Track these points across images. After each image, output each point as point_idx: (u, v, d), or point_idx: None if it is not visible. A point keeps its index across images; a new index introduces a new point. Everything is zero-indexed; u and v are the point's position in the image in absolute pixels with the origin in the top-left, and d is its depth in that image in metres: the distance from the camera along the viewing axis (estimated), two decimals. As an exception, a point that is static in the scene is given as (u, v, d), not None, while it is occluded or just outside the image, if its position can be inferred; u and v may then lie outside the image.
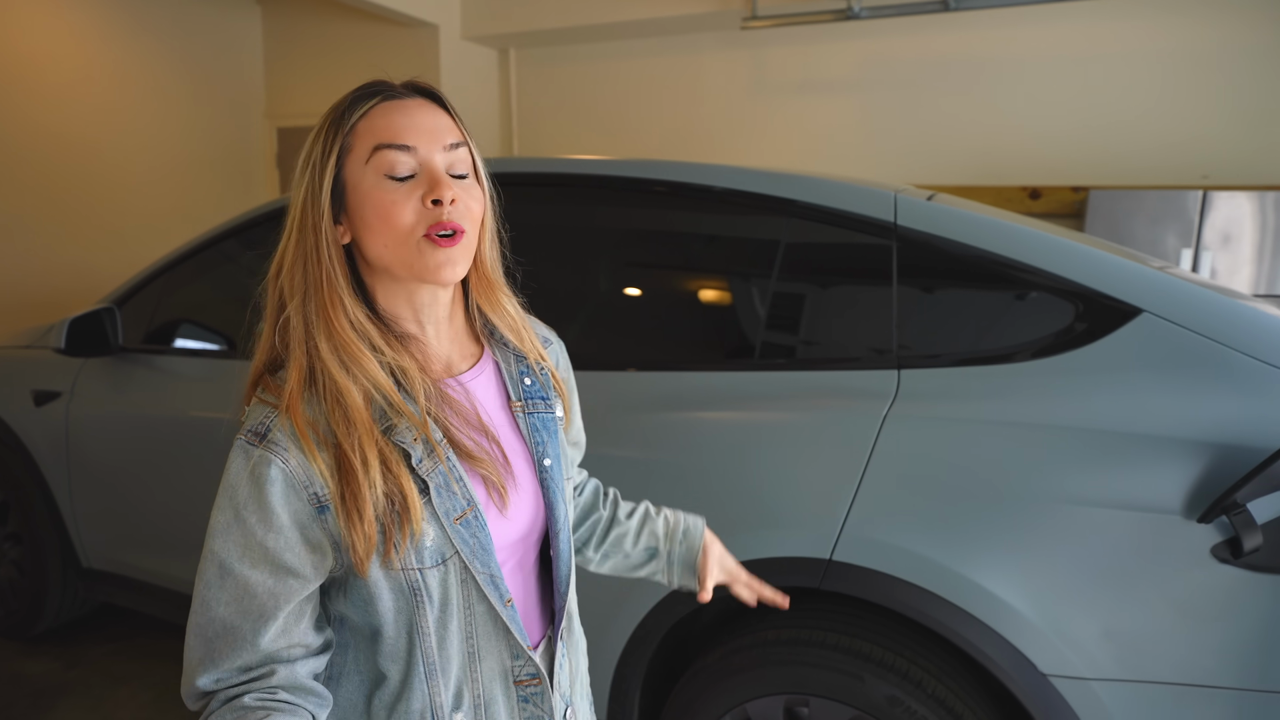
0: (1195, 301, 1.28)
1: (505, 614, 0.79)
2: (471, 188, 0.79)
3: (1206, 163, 3.74)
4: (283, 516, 0.73)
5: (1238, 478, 1.12)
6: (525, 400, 0.87)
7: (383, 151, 0.75)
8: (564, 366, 0.99)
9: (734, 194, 1.60)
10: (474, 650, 0.80)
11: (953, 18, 4.05)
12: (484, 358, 0.87)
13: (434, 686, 0.78)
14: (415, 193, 0.75)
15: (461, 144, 0.79)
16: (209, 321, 2.27)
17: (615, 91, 5.02)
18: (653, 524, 1.06)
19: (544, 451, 0.86)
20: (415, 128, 0.76)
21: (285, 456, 0.73)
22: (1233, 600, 1.14)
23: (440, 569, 0.76)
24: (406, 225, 0.75)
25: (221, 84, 5.35)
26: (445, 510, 0.76)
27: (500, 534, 0.81)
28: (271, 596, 0.74)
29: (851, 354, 1.45)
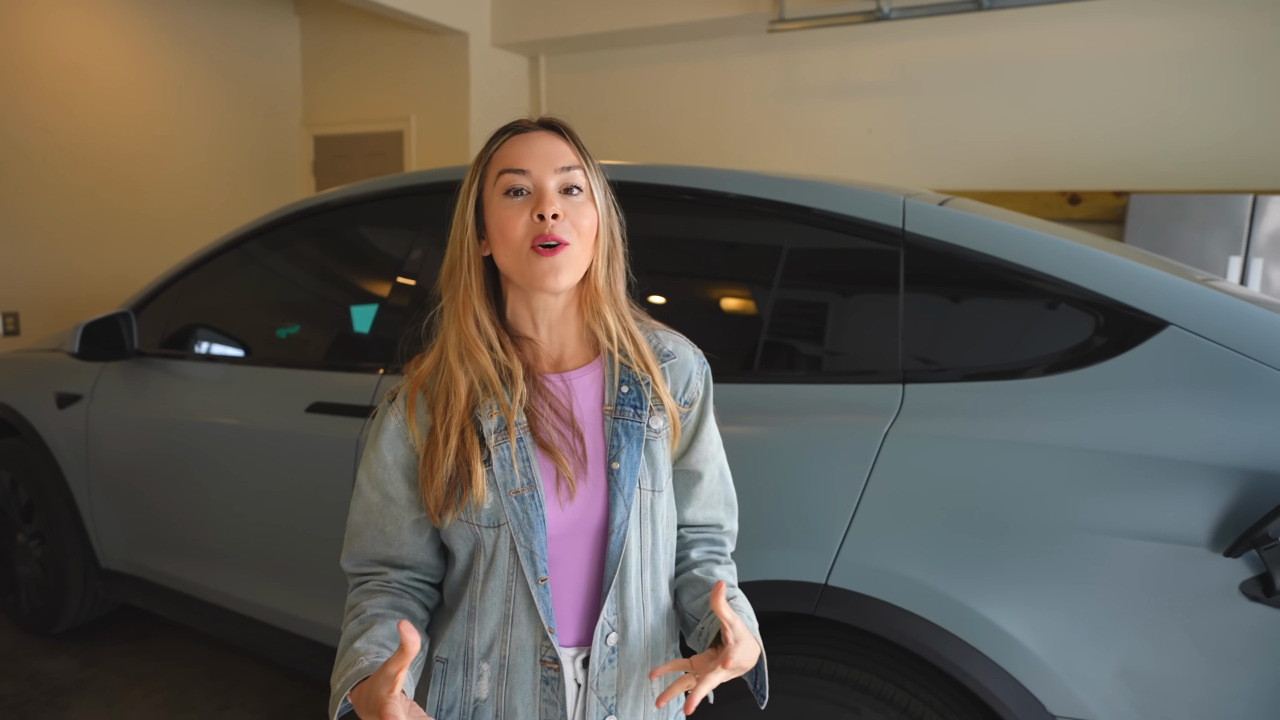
0: (1227, 313, 1.19)
1: (535, 590, 0.88)
2: (582, 205, 0.90)
3: (1257, 165, 3.54)
4: (387, 457, 0.93)
5: (1270, 508, 1.03)
6: (617, 405, 0.94)
7: (505, 175, 0.90)
8: (692, 389, 0.99)
9: (735, 199, 1.54)
10: (510, 614, 0.90)
11: (986, 17, 3.92)
12: (595, 361, 0.96)
13: (471, 628, 0.92)
14: (527, 209, 0.88)
15: (576, 167, 0.91)
16: (225, 326, 2.29)
17: (644, 97, 4.99)
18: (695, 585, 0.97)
19: (616, 455, 0.92)
20: (532, 154, 0.90)
21: (399, 412, 0.93)
22: (1262, 642, 1.04)
23: (494, 531, 0.89)
24: (518, 237, 0.88)
25: (261, 92, 5.46)
26: (504, 482, 0.89)
27: (558, 521, 0.90)
28: (381, 514, 0.95)
29: (854, 366, 1.37)
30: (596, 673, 0.91)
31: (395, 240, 1.98)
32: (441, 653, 0.95)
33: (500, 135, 0.93)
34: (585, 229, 0.90)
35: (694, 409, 1.00)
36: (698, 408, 1.00)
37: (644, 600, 0.94)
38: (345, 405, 1.81)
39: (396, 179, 1.97)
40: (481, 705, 0.92)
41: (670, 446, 0.97)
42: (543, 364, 0.95)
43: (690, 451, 1.01)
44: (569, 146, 0.92)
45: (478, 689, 0.92)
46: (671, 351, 0.99)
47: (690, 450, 1.01)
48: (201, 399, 2.11)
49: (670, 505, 0.99)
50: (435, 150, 5.16)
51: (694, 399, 1.00)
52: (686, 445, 1.01)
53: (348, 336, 2.02)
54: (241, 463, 1.97)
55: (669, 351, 0.99)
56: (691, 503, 1.03)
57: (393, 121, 5.36)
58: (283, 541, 1.93)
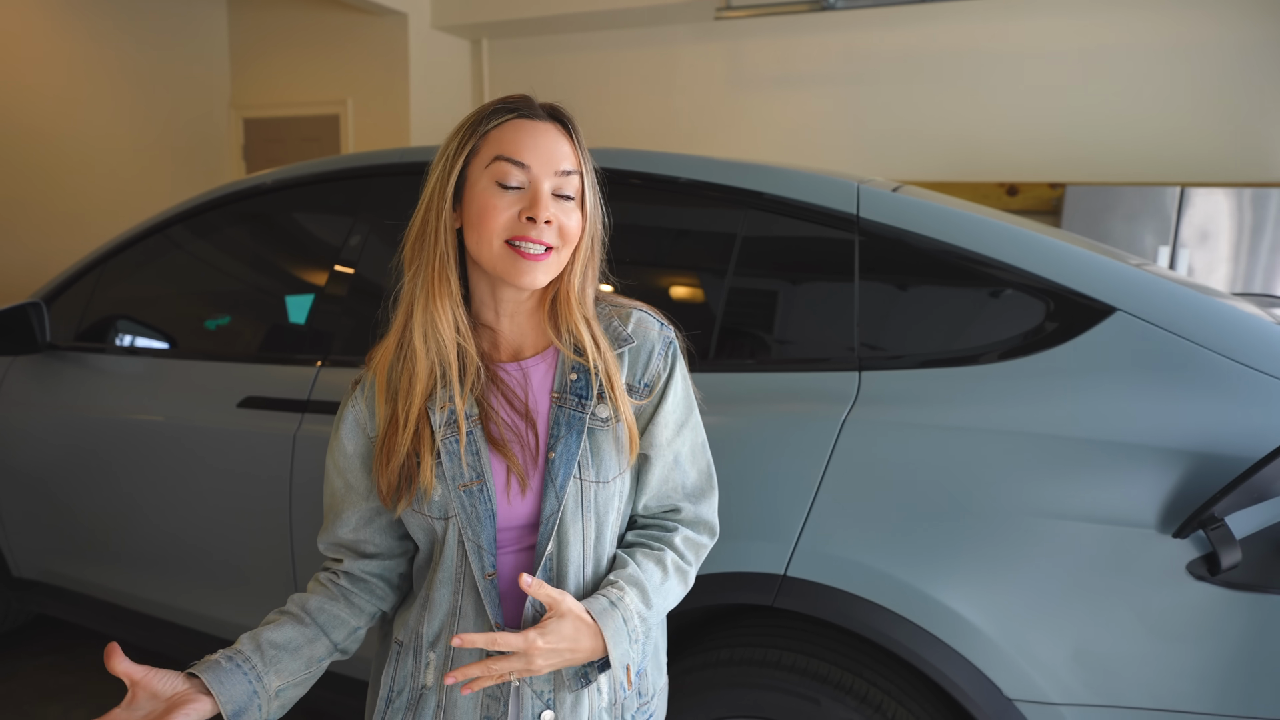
0: (1172, 300, 1.21)
1: (482, 585, 0.88)
2: (572, 211, 0.88)
3: (1184, 159, 3.69)
4: (347, 446, 0.94)
5: (1216, 489, 1.05)
6: (562, 393, 0.91)
7: (500, 162, 0.85)
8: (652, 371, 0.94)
9: (688, 184, 1.50)
10: (458, 606, 0.90)
11: (930, 9, 3.98)
12: (552, 349, 0.94)
13: (423, 616, 0.92)
14: (516, 205, 0.85)
15: (574, 172, 0.88)
16: (148, 318, 2.15)
17: (590, 83, 4.92)
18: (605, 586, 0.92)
19: (553, 444, 0.89)
20: (535, 148, 0.86)
21: (359, 403, 0.94)
22: (1210, 620, 1.06)
23: (443, 523, 0.89)
24: (498, 230, 0.85)
25: (185, 72, 5.19)
26: (453, 475, 0.88)
27: (508, 515, 0.89)
28: (343, 499, 0.96)
29: (809, 354, 1.36)
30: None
31: (333, 226, 1.89)
32: (399, 635, 0.95)
33: (499, 112, 0.87)
34: (569, 234, 0.88)
35: (654, 392, 0.94)
36: (658, 390, 0.94)
37: (583, 595, 0.90)
38: (281, 400, 1.71)
39: (334, 161, 1.88)
40: (427, 693, 0.92)
41: (627, 436, 0.92)
42: (501, 353, 0.94)
43: (644, 435, 0.95)
44: (571, 147, 0.88)
45: (424, 676, 0.92)
46: (630, 335, 0.94)
47: (644, 434, 0.95)
48: (123, 395, 1.98)
49: (621, 499, 0.94)
50: (373, 135, 5.00)
51: (654, 382, 0.94)
52: (642, 429, 0.95)
53: (283, 327, 1.92)
54: (168, 462, 1.86)
55: (627, 335, 0.94)
56: (643, 490, 0.97)
57: (328, 105, 5.16)
58: (214, 543, 1.83)
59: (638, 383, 0.94)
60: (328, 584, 0.96)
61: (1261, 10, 3.55)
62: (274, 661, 0.88)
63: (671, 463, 0.96)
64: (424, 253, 0.88)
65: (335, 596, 0.95)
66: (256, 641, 0.88)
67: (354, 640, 0.96)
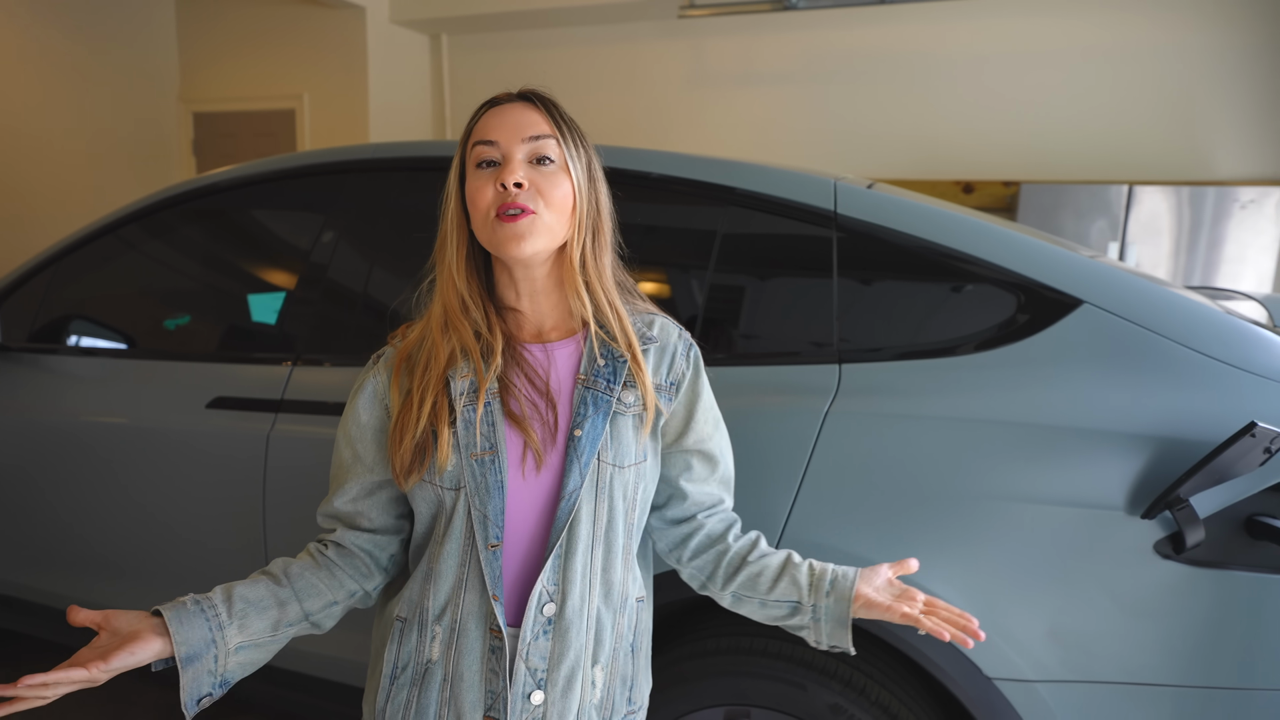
0: (1134, 293, 1.26)
1: (484, 555, 0.89)
2: (552, 175, 0.90)
3: (1132, 158, 3.84)
4: (362, 416, 0.97)
5: (1179, 472, 1.10)
6: (590, 376, 0.94)
7: (477, 147, 0.92)
8: (676, 371, 1.00)
9: (669, 180, 1.52)
10: (464, 578, 0.91)
11: (890, 11, 4.07)
12: (579, 334, 0.97)
13: (428, 589, 0.93)
14: (493, 178, 0.89)
15: (547, 136, 0.91)
16: (105, 317, 2.08)
17: (551, 80, 4.86)
18: (795, 571, 0.97)
19: (580, 423, 0.91)
20: (501, 124, 0.91)
21: (380, 375, 0.97)
22: (1175, 596, 1.12)
23: (453, 493, 0.90)
24: (485, 206, 0.89)
25: (131, 65, 5.02)
26: (466, 444, 0.90)
27: (520, 490, 0.90)
28: (347, 470, 0.98)
29: (790, 348, 1.39)
30: (528, 642, 0.89)
31: (305, 223, 1.86)
32: (400, 612, 0.95)
33: (479, 110, 0.95)
34: (556, 199, 0.90)
35: (682, 390, 1.01)
36: (687, 389, 1.01)
37: (590, 578, 0.92)
38: (253, 400, 1.68)
39: (303, 156, 1.85)
40: (433, 667, 0.92)
41: (645, 428, 0.95)
42: (525, 334, 0.97)
43: (687, 432, 1.01)
44: (542, 116, 0.92)
45: (430, 650, 0.92)
46: (655, 335, 1.00)
47: (687, 431, 1.01)
48: (81, 397, 1.92)
49: (636, 488, 0.96)
50: (331, 130, 4.90)
51: (679, 381, 1.00)
52: (682, 427, 1.01)
53: (253, 326, 1.88)
54: (132, 465, 1.81)
55: (652, 335, 1.00)
56: (694, 481, 1.03)
57: (283, 99, 5.05)
58: (185, 548, 1.78)
59: (664, 381, 0.99)
60: (314, 553, 0.98)
61: (1201, 19, 3.72)
62: (240, 615, 0.88)
63: (718, 454, 1.04)
64: (442, 255, 0.95)
65: (318, 565, 0.96)
66: (228, 593, 0.89)
67: (328, 615, 0.96)
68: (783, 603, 0.97)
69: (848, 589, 0.94)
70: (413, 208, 1.71)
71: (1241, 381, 1.15)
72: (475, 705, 0.90)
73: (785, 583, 0.97)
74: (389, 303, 1.71)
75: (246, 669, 0.89)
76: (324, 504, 1.00)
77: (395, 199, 1.73)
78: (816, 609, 0.95)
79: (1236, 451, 1.03)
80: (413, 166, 1.72)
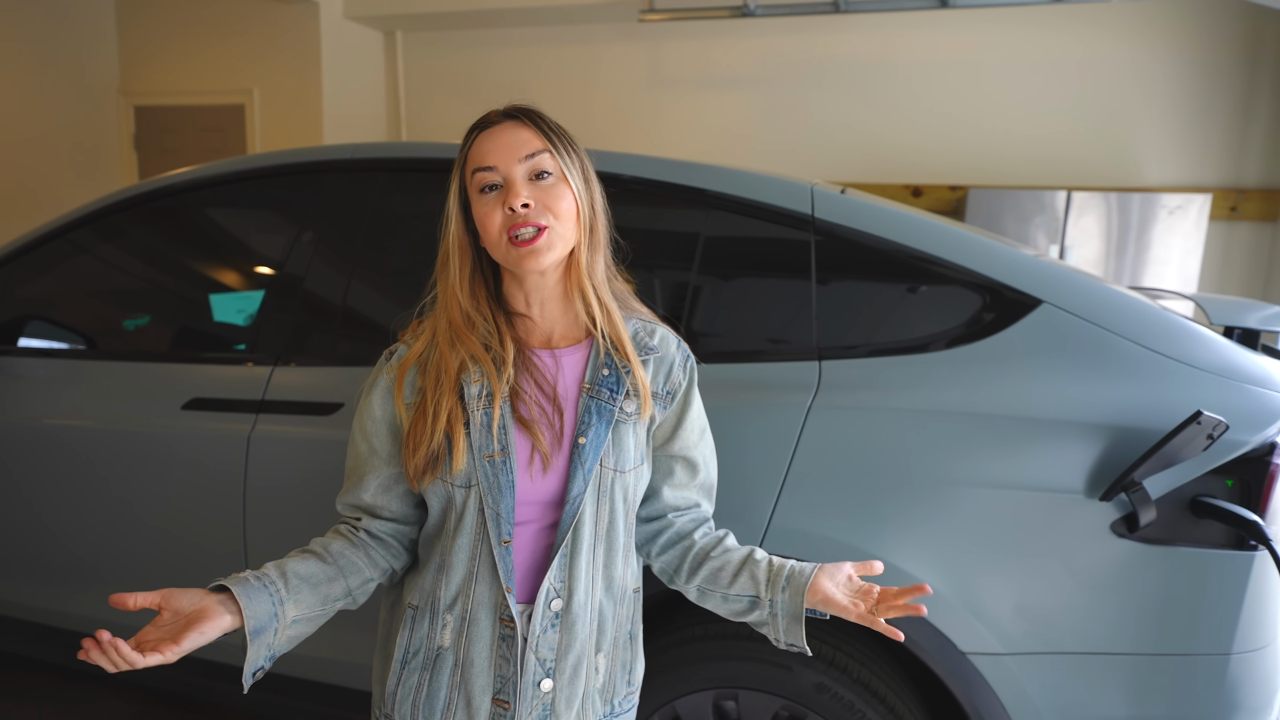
0: (1088, 293, 1.36)
1: (498, 551, 0.93)
2: (553, 187, 0.94)
3: (1070, 165, 4.05)
4: (377, 410, 1.00)
5: (1133, 458, 1.20)
6: (594, 385, 0.98)
7: (477, 174, 0.95)
8: (674, 380, 1.04)
9: (651, 184, 1.57)
10: (475, 571, 0.95)
11: (843, 19, 4.20)
12: (586, 341, 1.01)
13: (440, 580, 0.97)
14: (500, 203, 0.93)
15: (541, 151, 0.94)
16: (63, 318, 2.02)
17: (508, 80, 4.90)
18: (754, 568, 1.00)
19: (584, 430, 0.96)
20: (496, 148, 0.94)
21: (393, 371, 1.00)
22: (1129, 572, 1.22)
23: (465, 490, 0.94)
24: (496, 230, 0.93)
25: (68, 57, 4.82)
26: (479, 445, 0.94)
27: (527, 490, 0.95)
28: (365, 462, 1.01)
29: (771, 346, 1.45)
30: (538, 634, 0.95)
31: (285, 222, 1.84)
32: (412, 600, 0.99)
33: (470, 134, 0.97)
34: (562, 210, 0.94)
35: (677, 399, 1.05)
36: (680, 397, 1.05)
37: (594, 574, 0.98)
38: (232, 401, 1.67)
39: (286, 155, 1.83)
40: (444, 653, 0.97)
41: (642, 431, 1.01)
42: (534, 340, 1.01)
43: (674, 439, 1.06)
44: (533, 132, 0.95)
45: (441, 637, 0.96)
46: (655, 345, 1.04)
47: (674, 437, 1.06)
48: (43, 400, 1.86)
49: (634, 490, 1.01)
50: (283, 127, 4.80)
51: (675, 390, 1.05)
52: (670, 433, 1.06)
53: (231, 326, 1.86)
54: (102, 469, 1.77)
55: (653, 345, 1.04)
56: (673, 485, 1.08)
57: (232, 94, 4.92)
58: (157, 552, 1.75)
59: (661, 390, 1.03)
60: (347, 534, 1.01)
61: (1130, 35, 3.95)
62: (296, 591, 0.92)
63: (700, 462, 1.08)
64: (445, 274, 0.99)
65: (356, 545, 1.00)
66: (281, 570, 0.92)
67: (364, 591, 1.00)
68: (742, 597, 0.99)
69: (802, 584, 0.95)
70: (395, 209, 1.72)
71: (1185, 375, 1.26)
72: (485, 689, 0.95)
73: (745, 577, 0.99)
74: (371, 304, 1.72)
75: (293, 643, 0.93)
76: (344, 494, 1.03)
77: (378, 200, 1.73)
78: (773, 604, 0.96)
79: (1184, 438, 1.13)
80: (395, 168, 1.73)
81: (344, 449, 1.15)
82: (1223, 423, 1.12)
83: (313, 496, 1.58)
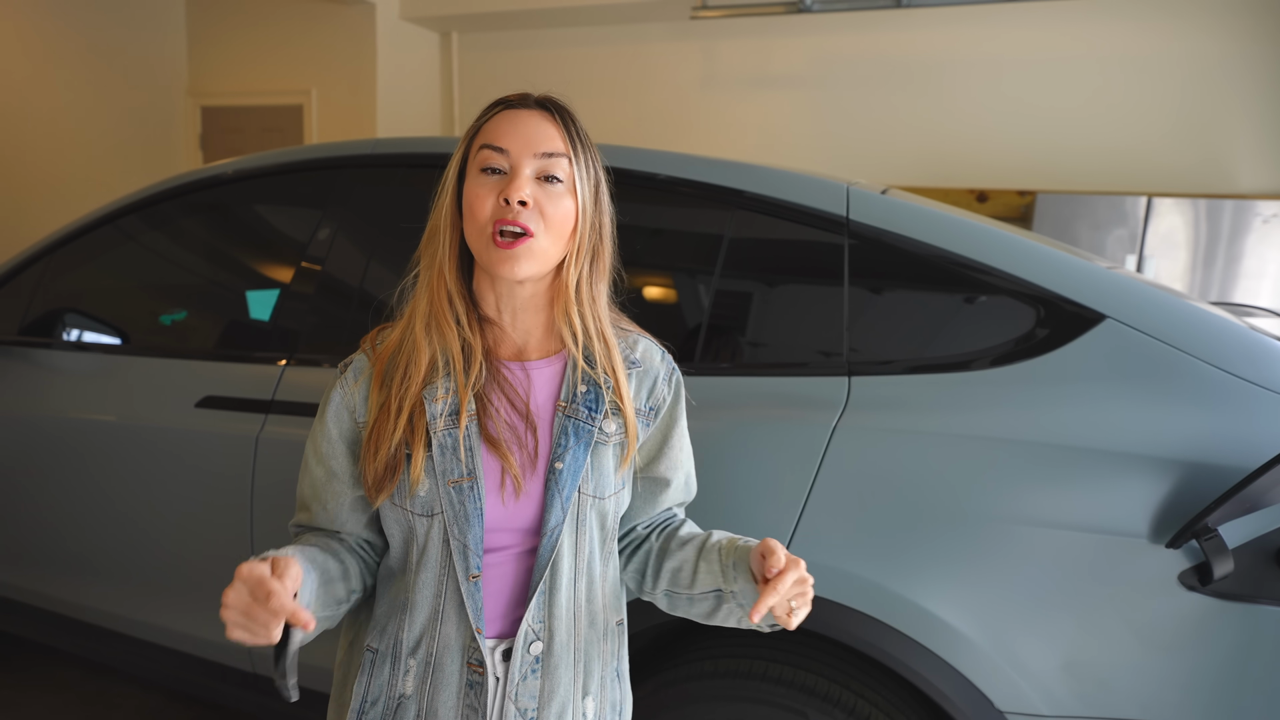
0: (1160, 307, 1.20)
1: (465, 587, 0.84)
2: (558, 196, 0.85)
3: (1150, 169, 3.77)
4: (333, 430, 0.91)
5: (1206, 499, 1.04)
6: (570, 403, 0.89)
7: (484, 150, 0.85)
8: (657, 395, 0.96)
9: (674, 182, 1.47)
10: (440, 609, 0.86)
11: (904, 15, 4.01)
12: (560, 354, 0.92)
13: (402, 620, 0.87)
14: (497, 189, 0.84)
15: (560, 155, 0.85)
16: (98, 311, 2.04)
17: (561, 81, 4.86)
18: (709, 558, 0.91)
19: (560, 454, 0.87)
20: (515, 133, 0.85)
21: (348, 385, 0.91)
22: (1200, 630, 1.06)
23: (426, 520, 0.85)
24: (483, 217, 0.83)
25: (139, 58, 5.00)
26: (443, 470, 0.85)
27: (498, 517, 0.85)
28: (325, 488, 0.91)
29: (799, 358, 1.33)
30: (516, 681, 0.86)
31: (300, 219, 1.81)
32: (372, 642, 0.90)
33: (492, 108, 0.89)
34: (556, 221, 0.85)
35: (661, 415, 0.97)
36: (665, 414, 0.97)
37: (575, 612, 0.89)
38: (242, 400, 1.63)
39: (301, 151, 1.80)
40: (405, 702, 0.87)
41: (625, 456, 0.92)
42: (503, 350, 0.92)
43: (659, 458, 0.98)
44: (558, 131, 0.86)
45: (403, 685, 0.87)
46: (639, 360, 0.96)
47: (659, 457, 0.98)
48: (71, 393, 1.87)
49: (612, 517, 0.92)
50: (339, 126, 4.87)
51: (659, 406, 0.96)
52: (654, 453, 0.98)
53: (245, 324, 1.84)
54: (119, 464, 1.76)
55: (636, 359, 0.96)
56: (656, 506, 1.00)
57: (291, 95, 5.02)
58: (170, 549, 1.74)
59: (644, 406, 0.95)
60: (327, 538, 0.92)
61: (1221, 28, 3.64)
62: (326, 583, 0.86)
63: (683, 482, 1.01)
64: (431, 249, 0.89)
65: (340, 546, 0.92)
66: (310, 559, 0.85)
67: (352, 602, 0.92)
68: (707, 595, 0.91)
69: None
70: (416, 205, 1.66)
71: (1271, 403, 1.09)
72: None
73: (704, 572, 0.91)
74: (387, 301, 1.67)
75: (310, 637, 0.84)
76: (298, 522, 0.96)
77: (399, 196, 1.68)
78: (735, 595, 0.88)
79: (1270, 479, 0.97)
80: (415, 163, 1.67)
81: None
82: (1318, 463, 0.96)
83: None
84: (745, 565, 0.87)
